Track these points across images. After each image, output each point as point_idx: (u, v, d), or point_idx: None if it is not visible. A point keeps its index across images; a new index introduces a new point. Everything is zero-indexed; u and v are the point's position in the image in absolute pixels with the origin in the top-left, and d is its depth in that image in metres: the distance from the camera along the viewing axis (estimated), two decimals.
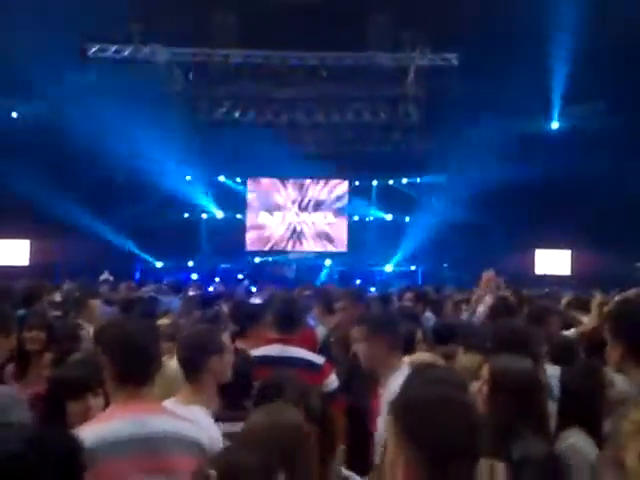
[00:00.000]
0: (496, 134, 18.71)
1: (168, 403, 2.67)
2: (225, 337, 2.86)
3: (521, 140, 18.67)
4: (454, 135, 19.29)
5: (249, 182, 21.52)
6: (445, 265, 19.76)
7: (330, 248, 21.43)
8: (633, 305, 3.04)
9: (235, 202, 21.28)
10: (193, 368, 2.77)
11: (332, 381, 3.63)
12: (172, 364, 3.18)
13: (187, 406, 2.64)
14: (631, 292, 4.40)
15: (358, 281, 18.21)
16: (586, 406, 2.55)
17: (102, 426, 2.31)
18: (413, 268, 20.31)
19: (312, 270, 19.50)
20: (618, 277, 15.99)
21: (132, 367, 2.38)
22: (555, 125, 20.50)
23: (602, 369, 2.68)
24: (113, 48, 18.35)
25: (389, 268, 20.30)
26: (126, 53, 18.48)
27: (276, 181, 21.44)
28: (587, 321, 4.28)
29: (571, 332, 4.23)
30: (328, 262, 20.47)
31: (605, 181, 18.41)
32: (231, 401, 2.97)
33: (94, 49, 18.27)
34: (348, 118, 19.17)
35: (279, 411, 2.04)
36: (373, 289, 13.92)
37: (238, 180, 21.35)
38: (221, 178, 21.05)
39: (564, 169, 18.26)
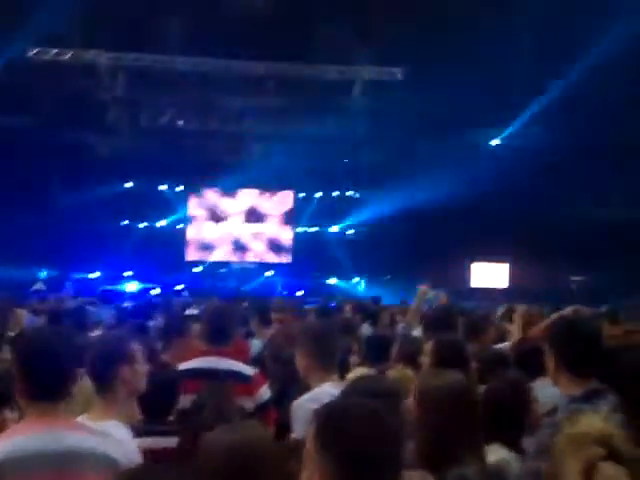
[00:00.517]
0: (438, 149, 19.07)
1: (81, 420, 2.54)
2: (137, 346, 2.73)
3: (461, 155, 19.06)
4: (400, 149, 19.56)
5: (192, 191, 21.24)
6: (387, 277, 19.95)
7: (275, 259, 21.33)
8: (567, 321, 3.11)
9: (176, 211, 20.94)
10: (102, 379, 2.65)
11: (264, 393, 3.56)
12: None
13: (100, 422, 2.52)
14: (569, 309, 4.51)
15: (301, 292, 18.18)
16: (510, 421, 2.56)
17: (9, 441, 2.20)
18: (356, 280, 20.43)
19: (254, 281, 19.37)
20: (555, 290, 16.49)
21: (44, 381, 2.25)
22: (495, 142, 21.04)
23: (527, 383, 2.70)
24: (54, 51, 17.92)
25: (333, 280, 20.35)
26: (68, 56, 18.08)
27: (220, 191, 21.24)
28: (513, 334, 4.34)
29: (504, 345, 4.28)
30: (270, 273, 20.40)
31: (543, 196, 18.98)
32: (153, 415, 2.88)
33: (35, 51, 17.79)
34: (294, 129, 19.17)
35: (242, 430, 1.94)
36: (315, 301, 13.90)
37: (180, 189, 21.04)
38: (162, 187, 20.72)
39: (503, 184, 18.75)
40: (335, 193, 21.13)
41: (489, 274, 21.02)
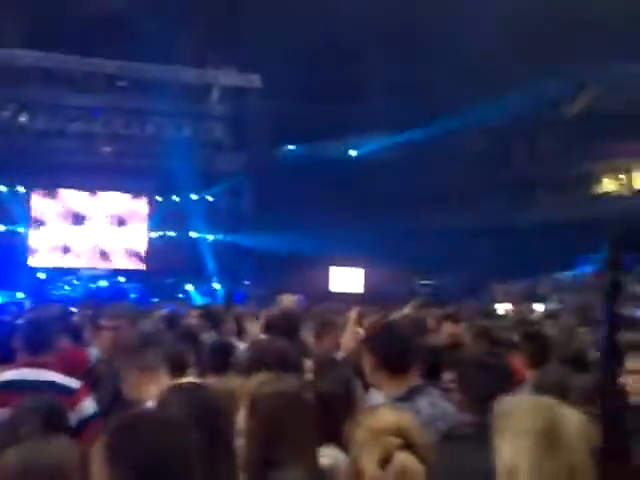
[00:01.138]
0: (297, 156, 19.31)
1: None
2: None
3: (321, 164, 19.45)
4: (257, 155, 19.60)
5: (35, 193, 19.86)
6: (247, 282, 19.87)
7: (129, 265, 20.49)
8: (382, 325, 3.16)
9: (18, 214, 19.54)
10: None
11: (87, 406, 3.32)
12: None
13: None
14: (397, 313, 4.63)
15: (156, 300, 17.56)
16: (341, 420, 2.55)
17: None
18: (217, 286, 20.12)
19: (105, 288, 18.49)
20: (404, 293, 17.24)
21: None
22: (353, 152, 21.73)
23: (352, 383, 2.71)
24: None
25: (190, 286, 19.89)
26: None
27: (67, 193, 20.04)
28: (345, 337, 4.41)
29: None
30: (122, 279, 19.59)
31: (397, 203, 19.82)
32: None
33: None
34: (149, 131, 18.58)
35: (39, 448, 1.74)
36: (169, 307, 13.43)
37: (21, 190, 19.59)
38: (1, 188, 19.19)
39: (360, 191, 19.37)
40: (194, 197, 20.73)
41: (346, 279, 21.59)
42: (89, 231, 20.32)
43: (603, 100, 18.52)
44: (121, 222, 20.65)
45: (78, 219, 20.22)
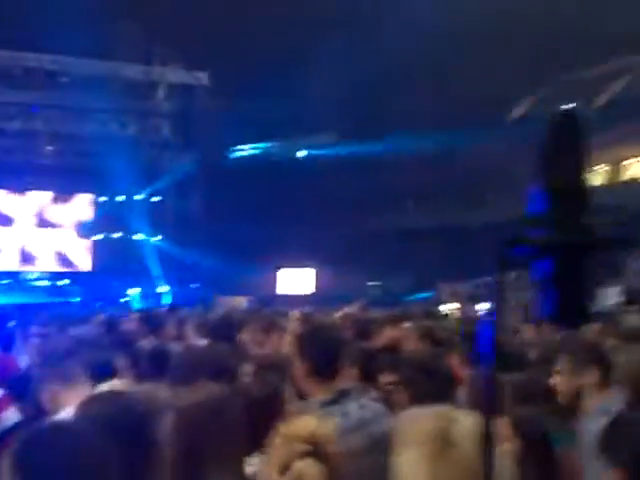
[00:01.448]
0: (247, 156, 19.15)
1: None
2: None
3: (270, 163, 19.35)
4: (207, 153, 19.35)
5: None
6: (196, 285, 19.58)
7: (70, 268, 19.88)
8: (309, 330, 3.08)
9: None
10: None
11: (9, 417, 3.16)
12: None
13: None
14: (339, 312, 4.58)
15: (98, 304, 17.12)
16: (263, 429, 2.48)
17: None
18: (164, 289, 19.74)
19: (45, 292, 17.93)
20: (355, 294, 17.30)
21: None
22: (302, 153, 21.69)
23: (281, 388, 2.64)
24: None
25: (136, 289, 19.45)
26: None
27: (5, 193, 19.31)
28: (286, 338, 4.35)
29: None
30: (65, 282, 19.04)
31: (347, 204, 19.86)
32: None
33: None
34: (92, 129, 18.09)
35: None
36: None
37: None
38: None
39: (308, 191, 19.33)
40: (139, 197, 20.25)
41: (296, 280, 21.48)
42: (30, 232, 19.65)
43: (547, 101, 18.99)
44: (63, 223, 20.03)
45: (18, 221, 19.55)
